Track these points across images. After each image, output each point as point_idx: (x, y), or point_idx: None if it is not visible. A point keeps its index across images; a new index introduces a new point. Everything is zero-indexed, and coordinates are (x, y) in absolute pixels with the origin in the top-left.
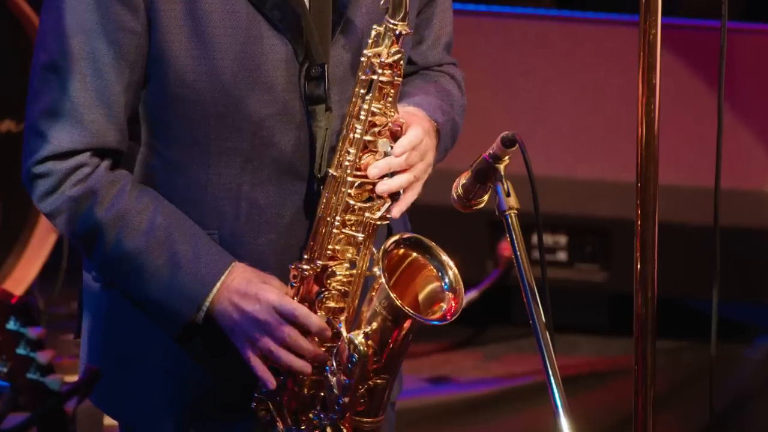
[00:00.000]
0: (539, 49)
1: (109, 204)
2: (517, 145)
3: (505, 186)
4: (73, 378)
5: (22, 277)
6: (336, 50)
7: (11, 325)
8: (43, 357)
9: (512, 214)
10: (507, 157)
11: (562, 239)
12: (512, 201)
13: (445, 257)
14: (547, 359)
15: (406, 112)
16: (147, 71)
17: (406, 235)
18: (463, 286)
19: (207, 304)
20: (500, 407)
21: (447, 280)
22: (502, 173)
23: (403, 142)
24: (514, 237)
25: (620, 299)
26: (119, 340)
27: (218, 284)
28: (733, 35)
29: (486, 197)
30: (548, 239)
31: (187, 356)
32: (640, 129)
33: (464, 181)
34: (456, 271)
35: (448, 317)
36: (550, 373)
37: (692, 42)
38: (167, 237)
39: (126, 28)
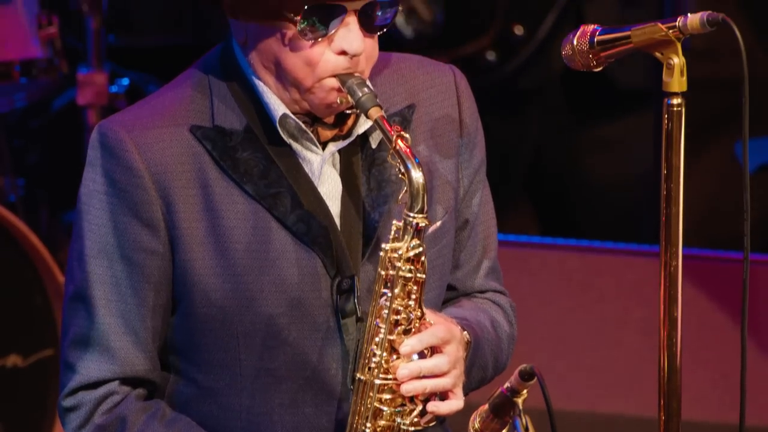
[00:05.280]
0: (558, 280)
1: (138, 430)
2: (535, 379)
3: (524, 421)
4: None
5: None
6: (367, 265)
7: None
8: None
9: None
10: (525, 391)
11: None
12: None
13: None
14: None
15: (437, 315)
16: (174, 294)
17: None
18: None
19: None
20: None
21: None
22: (521, 407)
23: (424, 338)
24: None
25: None
26: None
27: None
28: (756, 267)
29: None
30: None
31: None
32: (661, 363)
33: (482, 416)
34: None
35: None
36: None
37: (714, 274)
38: None
39: (147, 248)
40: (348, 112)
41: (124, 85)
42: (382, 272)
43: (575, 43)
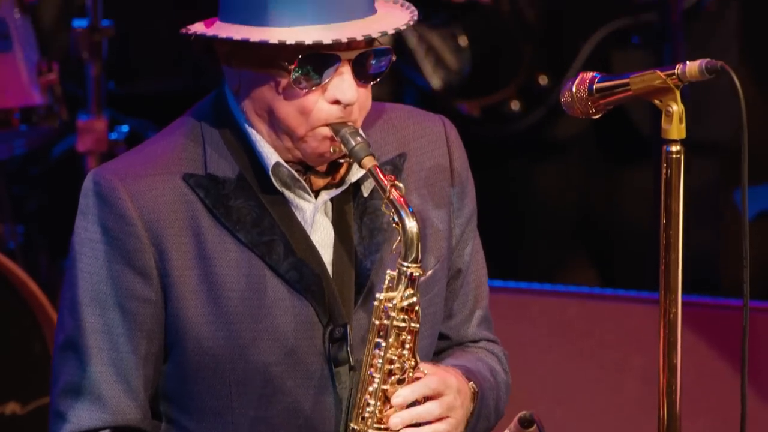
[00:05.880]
0: (557, 327)
1: None
2: (535, 426)
3: None
4: None
5: None
6: (360, 313)
7: None
8: None
9: None
10: None
11: None
12: None
13: None
14: None
15: (438, 367)
16: (166, 341)
17: None
18: None
19: None
20: None
21: None
22: None
23: (416, 389)
24: None
25: None
26: None
27: None
28: (755, 315)
29: None
30: None
31: None
32: (661, 410)
33: None
34: None
35: None
36: None
37: (714, 321)
38: None
39: (139, 296)
40: (341, 161)
41: (123, 132)
42: (376, 322)
43: (574, 90)
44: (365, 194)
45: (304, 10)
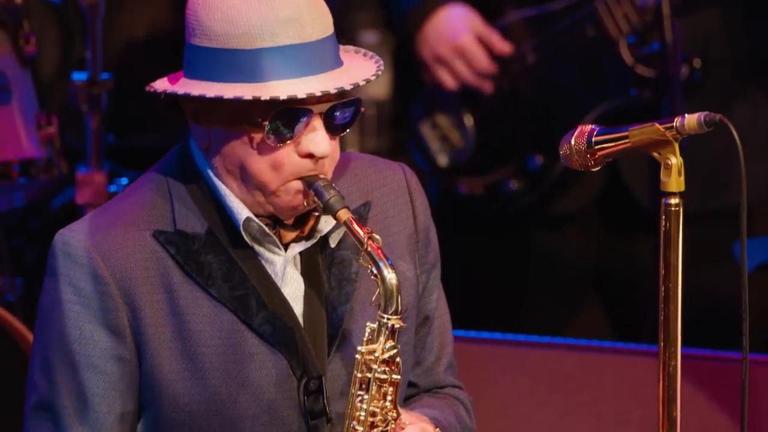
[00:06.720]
0: (556, 379)
1: None
2: None
3: None
4: None
5: None
6: (334, 364)
7: None
8: None
9: None
10: None
11: None
12: None
13: None
14: None
15: (411, 415)
16: (141, 399)
17: None
18: None
19: None
20: None
21: None
22: None
23: None
24: None
25: None
26: None
27: None
28: (755, 367)
29: None
30: None
31: None
32: None
33: None
34: None
35: None
36: None
37: (713, 374)
38: None
39: (114, 356)
40: (315, 213)
41: (123, 185)
42: (358, 374)
43: (573, 142)
44: (332, 245)
45: (273, 65)
